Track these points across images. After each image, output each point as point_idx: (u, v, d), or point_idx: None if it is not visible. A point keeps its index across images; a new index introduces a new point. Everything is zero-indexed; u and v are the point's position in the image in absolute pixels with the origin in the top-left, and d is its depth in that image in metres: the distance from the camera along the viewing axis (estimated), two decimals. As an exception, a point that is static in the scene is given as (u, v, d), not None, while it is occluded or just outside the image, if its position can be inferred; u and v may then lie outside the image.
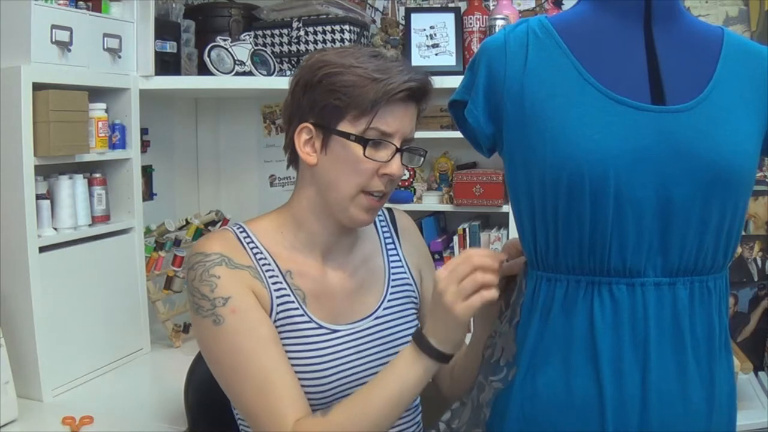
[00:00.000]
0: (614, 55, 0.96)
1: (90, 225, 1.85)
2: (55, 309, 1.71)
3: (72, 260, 1.77)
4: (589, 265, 0.94)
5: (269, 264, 1.15)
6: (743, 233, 2.33)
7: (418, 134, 2.34)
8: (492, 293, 0.98)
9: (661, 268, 0.93)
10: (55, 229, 1.75)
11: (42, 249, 1.68)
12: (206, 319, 1.08)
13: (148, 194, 2.34)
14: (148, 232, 2.13)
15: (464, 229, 2.25)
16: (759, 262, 2.34)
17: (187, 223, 2.25)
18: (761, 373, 2.27)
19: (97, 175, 1.89)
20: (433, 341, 1.03)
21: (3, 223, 1.66)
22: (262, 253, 1.15)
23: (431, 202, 2.32)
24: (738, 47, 1.00)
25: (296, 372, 1.11)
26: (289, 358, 1.11)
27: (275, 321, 1.12)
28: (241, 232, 1.17)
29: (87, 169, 1.87)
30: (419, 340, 1.04)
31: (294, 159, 1.20)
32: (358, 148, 1.10)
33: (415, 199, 2.32)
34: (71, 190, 1.78)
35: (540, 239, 0.98)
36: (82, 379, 1.80)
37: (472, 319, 1.10)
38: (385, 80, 1.08)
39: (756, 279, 2.35)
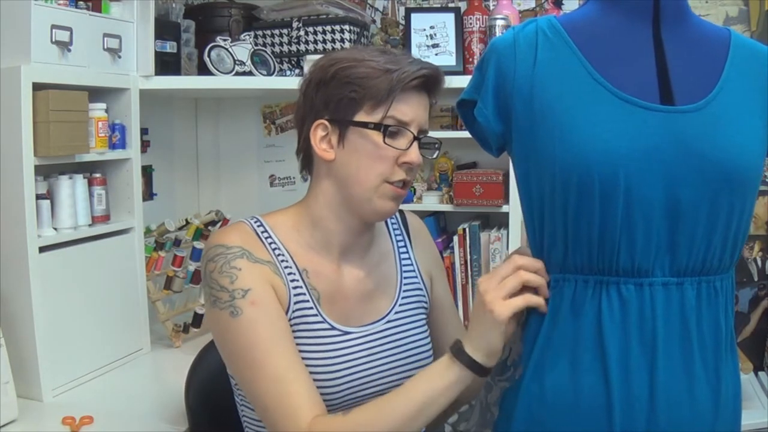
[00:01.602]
0: (623, 56, 0.97)
1: (90, 225, 1.85)
2: (55, 309, 1.71)
3: (72, 260, 1.77)
4: (598, 264, 0.94)
5: (287, 261, 1.14)
6: (743, 233, 2.33)
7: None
8: (538, 299, 0.97)
9: (669, 268, 0.94)
10: (55, 229, 1.75)
11: (42, 249, 1.68)
12: (224, 311, 1.07)
13: (148, 194, 2.34)
14: (148, 232, 2.13)
15: (464, 229, 2.25)
16: (759, 262, 2.34)
17: (187, 223, 2.25)
18: (761, 373, 2.27)
19: (97, 175, 1.89)
20: (469, 348, 1.00)
21: (3, 223, 1.65)
22: (280, 249, 1.15)
23: (431, 202, 2.32)
24: (745, 49, 1.01)
25: (309, 370, 1.10)
26: (302, 358, 1.10)
27: (290, 319, 1.12)
28: (258, 226, 1.16)
29: (87, 169, 1.87)
30: (454, 346, 1.02)
31: (307, 162, 1.19)
32: (377, 136, 1.10)
33: (415, 199, 2.32)
34: (71, 190, 1.78)
35: (549, 239, 0.98)
36: (82, 379, 1.80)
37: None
38: (397, 70, 1.09)
39: (756, 279, 2.35)
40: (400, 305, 1.24)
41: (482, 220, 2.32)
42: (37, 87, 1.65)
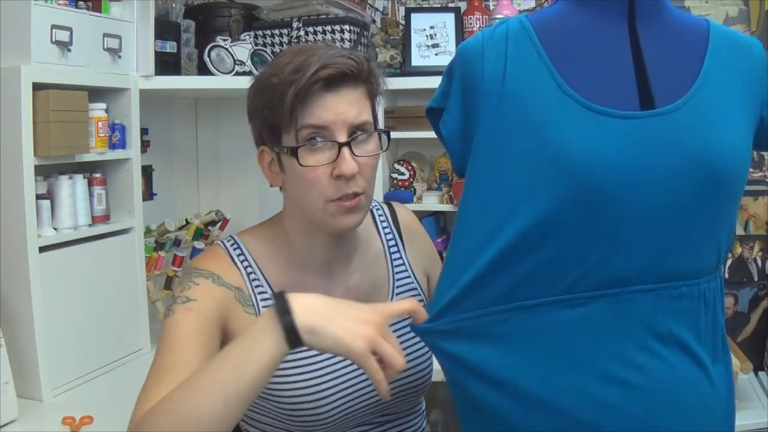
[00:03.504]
0: (598, 58, 0.92)
1: (90, 225, 1.85)
2: (55, 309, 1.71)
3: (72, 260, 1.77)
4: (573, 278, 0.89)
5: (261, 285, 1.11)
6: (743, 233, 2.33)
7: (417, 133, 2.31)
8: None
9: (654, 274, 0.90)
10: (55, 229, 1.75)
11: (42, 249, 1.68)
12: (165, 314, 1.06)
13: (148, 194, 2.34)
14: (148, 232, 2.13)
15: (464, 229, 2.25)
16: (759, 262, 2.34)
17: (187, 223, 2.25)
18: (761, 373, 2.27)
19: (97, 175, 1.89)
20: (300, 313, 0.85)
21: (3, 223, 1.66)
22: (255, 272, 1.12)
23: (431, 202, 2.32)
24: (725, 39, 0.96)
25: (296, 393, 1.07)
26: (288, 381, 1.07)
27: None
28: (234, 248, 1.13)
29: (87, 169, 1.87)
30: (280, 301, 0.86)
31: None
32: (295, 161, 1.02)
33: (415, 199, 2.32)
34: (71, 190, 1.78)
35: (502, 263, 0.91)
36: (82, 379, 1.80)
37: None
38: (297, 80, 0.99)
39: (756, 279, 2.35)
40: None
41: (482, 220, 2.32)
42: (37, 87, 1.65)
